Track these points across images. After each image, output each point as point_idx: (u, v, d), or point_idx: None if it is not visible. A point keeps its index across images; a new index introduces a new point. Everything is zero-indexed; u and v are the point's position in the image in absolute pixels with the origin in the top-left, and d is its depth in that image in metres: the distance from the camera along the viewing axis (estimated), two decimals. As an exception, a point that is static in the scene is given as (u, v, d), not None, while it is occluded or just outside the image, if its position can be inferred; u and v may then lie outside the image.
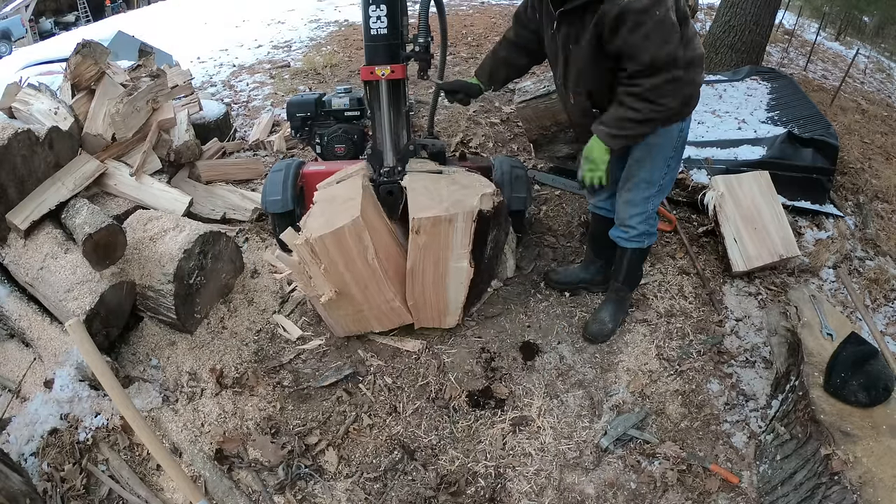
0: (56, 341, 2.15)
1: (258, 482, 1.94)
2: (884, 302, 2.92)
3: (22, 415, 2.02)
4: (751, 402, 2.27)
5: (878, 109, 5.76)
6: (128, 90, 2.84)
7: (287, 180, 2.52)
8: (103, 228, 2.08)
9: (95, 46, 2.86)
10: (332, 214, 2.03)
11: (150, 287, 2.20)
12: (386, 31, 2.15)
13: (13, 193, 2.27)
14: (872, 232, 3.34)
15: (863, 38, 12.03)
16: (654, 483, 1.99)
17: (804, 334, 2.21)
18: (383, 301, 2.18)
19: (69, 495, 1.87)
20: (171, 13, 8.88)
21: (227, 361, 2.28)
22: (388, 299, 2.18)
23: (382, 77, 2.21)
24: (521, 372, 2.32)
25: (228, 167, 3.17)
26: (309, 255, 2.00)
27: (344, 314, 2.22)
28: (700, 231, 3.06)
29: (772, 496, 1.91)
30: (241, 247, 2.72)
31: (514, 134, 3.85)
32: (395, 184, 2.36)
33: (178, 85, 3.57)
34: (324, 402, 2.19)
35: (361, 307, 2.19)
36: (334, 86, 4.13)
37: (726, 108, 4.27)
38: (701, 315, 2.63)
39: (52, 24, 15.52)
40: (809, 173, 3.32)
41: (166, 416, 2.09)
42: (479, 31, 6.04)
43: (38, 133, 2.32)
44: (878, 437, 1.81)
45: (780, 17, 7.62)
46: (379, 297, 2.16)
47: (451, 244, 2.12)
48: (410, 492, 1.94)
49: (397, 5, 2.15)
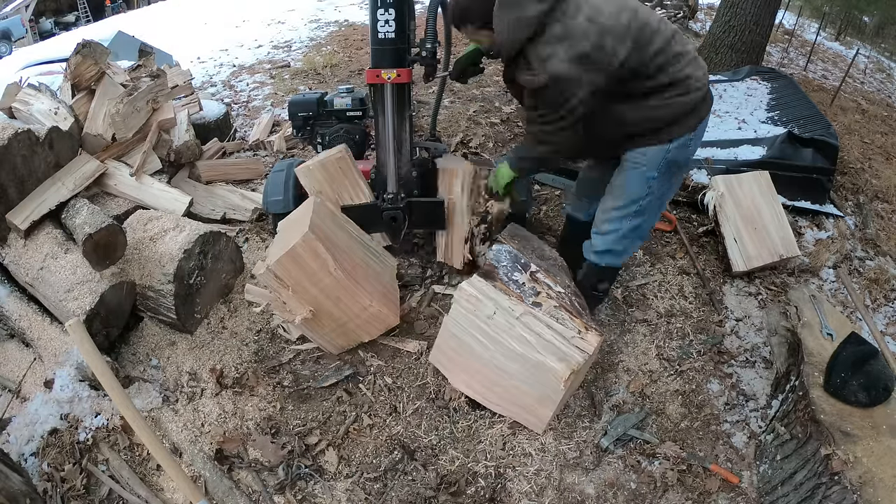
0: (56, 341, 2.15)
1: (258, 482, 1.94)
2: (884, 302, 2.92)
3: (22, 415, 2.02)
4: (751, 402, 2.27)
5: (878, 109, 5.76)
6: (128, 90, 2.85)
7: (288, 181, 2.52)
8: (103, 228, 2.08)
9: (96, 47, 2.86)
10: (287, 238, 2.08)
11: (150, 287, 2.20)
12: (393, 36, 2.14)
13: (13, 193, 2.27)
14: (872, 232, 3.34)
15: (863, 38, 12.03)
16: (654, 483, 1.99)
17: (804, 334, 2.21)
18: (360, 309, 2.16)
19: (69, 495, 1.87)
20: (171, 13, 8.88)
21: (227, 361, 2.28)
22: (364, 306, 2.15)
23: (388, 81, 2.21)
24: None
25: (228, 167, 3.17)
26: (275, 282, 2.04)
27: (329, 331, 2.21)
28: (700, 231, 3.06)
29: (772, 496, 1.91)
30: (241, 247, 2.72)
31: (514, 134, 3.85)
32: (397, 210, 2.40)
33: (178, 85, 3.58)
34: (324, 402, 2.19)
35: (342, 320, 2.18)
36: (334, 86, 4.13)
37: (726, 108, 4.27)
38: (701, 315, 2.63)
39: (52, 24, 15.53)
40: (809, 173, 3.32)
41: (166, 416, 2.09)
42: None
43: (38, 133, 2.32)
44: (878, 437, 1.81)
45: (780, 17, 7.62)
46: (355, 305, 2.14)
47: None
48: (410, 492, 1.94)
49: (405, 9, 2.15)
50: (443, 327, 2.14)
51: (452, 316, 2.07)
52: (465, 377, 2.13)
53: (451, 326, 2.08)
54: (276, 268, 2.01)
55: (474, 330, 2.01)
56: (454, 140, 3.72)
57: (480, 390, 2.12)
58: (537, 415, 2.05)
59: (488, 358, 2.02)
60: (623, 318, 2.56)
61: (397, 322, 2.32)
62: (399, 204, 2.41)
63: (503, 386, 2.05)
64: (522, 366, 1.96)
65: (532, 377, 1.96)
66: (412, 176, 2.44)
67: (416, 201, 2.45)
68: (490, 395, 2.11)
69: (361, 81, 4.49)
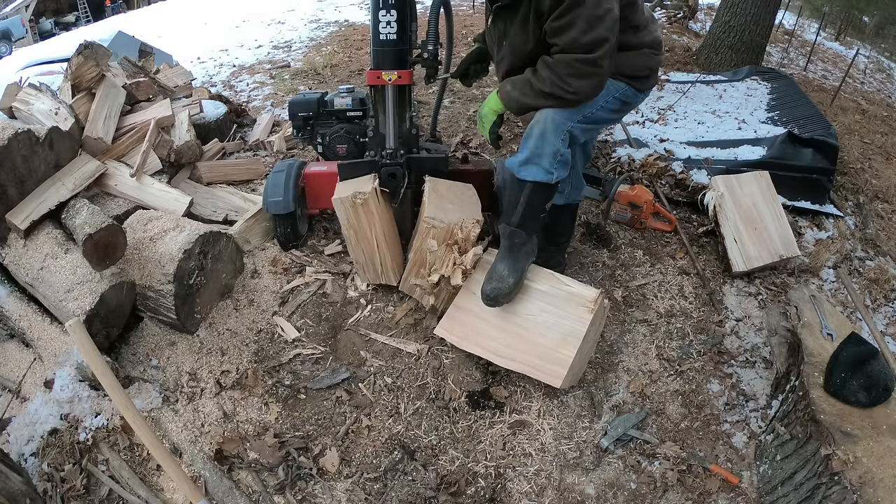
0: (56, 341, 2.15)
1: (258, 482, 1.94)
2: (884, 302, 2.92)
3: (22, 415, 2.02)
4: (751, 403, 2.27)
5: (878, 109, 5.76)
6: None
7: (289, 181, 2.52)
8: (103, 229, 2.08)
9: (97, 48, 2.86)
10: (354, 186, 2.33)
11: (150, 287, 2.20)
12: (395, 37, 2.13)
13: (13, 193, 2.27)
14: (872, 232, 3.34)
15: (863, 38, 12.04)
16: (654, 483, 1.99)
17: (804, 334, 2.21)
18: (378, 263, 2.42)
19: (69, 495, 1.87)
20: (171, 13, 8.88)
21: (227, 361, 2.28)
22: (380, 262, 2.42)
23: (389, 83, 2.20)
24: (520, 373, 2.32)
25: (229, 168, 3.17)
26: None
27: (360, 254, 2.42)
28: (700, 231, 3.06)
29: (772, 496, 1.91)
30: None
31: (514, 134, 3.85)
32: (397, 166, 2.33)
33: (178, 85, 3.58)
34: (324, 403, 2.19)
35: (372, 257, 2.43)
36: (335, 86, 4.13)
37: (726, 108, 4.28)
38: (701, 315, 2.63)
39: (52, 24, 15.56)
40: (809, 173, 3.32)
41: (166, 417, 2.09)
42: (479, 31, 6.03)
43: (39, 133, 2.32)
44: (878, 437, 1.82)
45: (780, 17, 7.62)
46: (376, 257, 2.41)
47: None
48: (410, 492, 1.94)
49: (407, 11, 2.14)
50: (460, 291, 2.28)
51: (475, 277, 2.25)
52: (480, 339, 2.19)
53: (472, 286, 2.25)
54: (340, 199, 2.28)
55: None
56: (454, 140, 3.72)
57: (496, 348, 2.18)
58: (557, 359, 2.09)
59: (508, 306, 2.18)
60: (623, 318, 2.56)
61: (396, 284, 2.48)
62: (399, 160, 2.35)
63: (520, 335, 2.15)
64: (548, 302, 2.16)
65: (556, 313, 2.15)
66: (412, 133, 2.41)
67: (417, 157, 2.38)
68: (506, 352, 2.16)
69: (362, 81, 4.49)
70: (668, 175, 3.26)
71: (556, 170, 2.02)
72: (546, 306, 2.17)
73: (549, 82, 1.88)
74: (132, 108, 3.08)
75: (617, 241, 2.93)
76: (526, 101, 1.98)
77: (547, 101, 1.92)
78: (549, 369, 2.09)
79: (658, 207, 3.03)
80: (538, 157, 1.99)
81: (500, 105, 2.08)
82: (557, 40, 1.85)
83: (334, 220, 2.92)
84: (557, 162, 2.01)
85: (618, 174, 3.32)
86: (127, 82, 3.10)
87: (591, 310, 2.13)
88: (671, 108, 4.27)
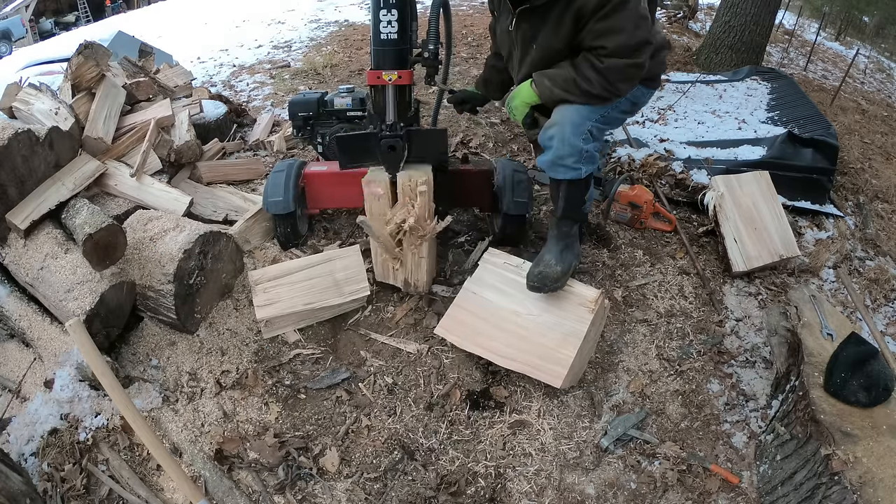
0: (56, 341, 2.15)
1: (258, 482, 1.94)
2: (884, 302, 2.92)
3: (22, 415, 2.02)
4: (751, 403, 2.27)
5: (878, 109, 5.77)
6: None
7: (289, 181, 2.51)
8: (103, 228, 2.08)
9: (97, 48, 2.86)
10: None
11: (150, 287, 2.20)
12: (396, 37, 2.13)
13: (13, 193, 2.27)
14: (872, 232, 3.34)
15: (863, 38, 12.04)
16: (654, 483, 1.99)
17: (804, 334, 2.21)
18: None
19: (69, 495, 1.87)
20: (171, 13, 8.88)
21: (227, 361, 2.28)
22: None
23: (389, 82, 2.20)
24: (520, 373, 2.32)
25: (229, 168, 3.17)
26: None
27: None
28: (700, 231, 3.06)
29: (772, 496, 1.91)
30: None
31: (514, 134, 3.85)
32: (396, 138, 2.26)
33: (178, 85, 3.58)
34: (324, 402, 2.19)
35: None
36: (335, 86, 4.13)
37: (726, 108, 4.28)
38: (701, 315, 2.63)
39: (52, 24, 15.56)
40: (809, 173, 3.32)
41: (166, 416, 2.09)
42: (479, 31, 6.04)
43: (39, 133, 2.32)
44: (878, 437, 1.82)
45: (780, 17, 7.62)
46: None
47: None
48: (410, 492, 1.94)
49: (408, 11, 2.13)
50: (461, 291, 2.33)
51: (476, 276, 2.32)
52: (481, 339, 2.20)
53: (472, 286, 2.31)
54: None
55: (499, 281, 2.28)
56: (454, 140, 3.72)
57: (496, 347, 2.18)
58: (558, 359, 2.10)
59: (510, 306, 2.21)
60: (623, 318, 2.56)
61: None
62: (398, 132, 2.29)
63: (521, 335, 2.17)
64: (548, 302, 2.20)
65: (557, 313, 2.17)
66: (411, 108, 2.40)
67: (416, 130, 2.35)
68: (506, 352, 2.17)
69: (362, 81, 4.49)
70: (668, 175, 3.26)
71: (584, 165, 2.12)
72: (547, 306, 2.20)
73: (600, 86, 1.94)
74: (132, 108, 3.08)
75: (617, 241, 2.93)
76: (569, 98, 2.03)
77: (591, 100, 2.01)
78: (550, 369, 2.10)
79: (658, 207, 3.02)
80: (562, 159, 2.10)
81: (534, 98, 2.14)
82: (605, 42, 1.88)
83: (334, 220, 2.92)
84: (584, 160, 2.10)
85: (618, 174, 3.32)
86: (127, 82, 3.10)
87: (591, 310, 2.15)
88: (671, 108, 4.27)
